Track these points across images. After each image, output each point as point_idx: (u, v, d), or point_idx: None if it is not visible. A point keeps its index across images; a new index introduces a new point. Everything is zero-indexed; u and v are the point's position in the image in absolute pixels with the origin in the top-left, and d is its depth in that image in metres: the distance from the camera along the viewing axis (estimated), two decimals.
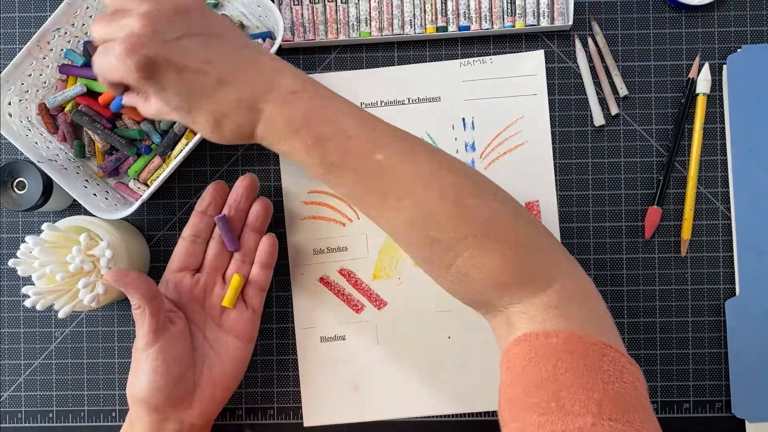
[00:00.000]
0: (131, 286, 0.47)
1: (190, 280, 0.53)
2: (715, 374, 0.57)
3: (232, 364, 0.52)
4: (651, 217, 0.57)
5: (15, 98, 0.55)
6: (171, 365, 0.48)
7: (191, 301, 0.52)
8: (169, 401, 0.49)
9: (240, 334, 0.53)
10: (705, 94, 0.57)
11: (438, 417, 0.58)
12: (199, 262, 0.54)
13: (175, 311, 0.51)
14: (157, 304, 0.48)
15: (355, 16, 0.58)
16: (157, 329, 0.48)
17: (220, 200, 0.54)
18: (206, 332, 0.52)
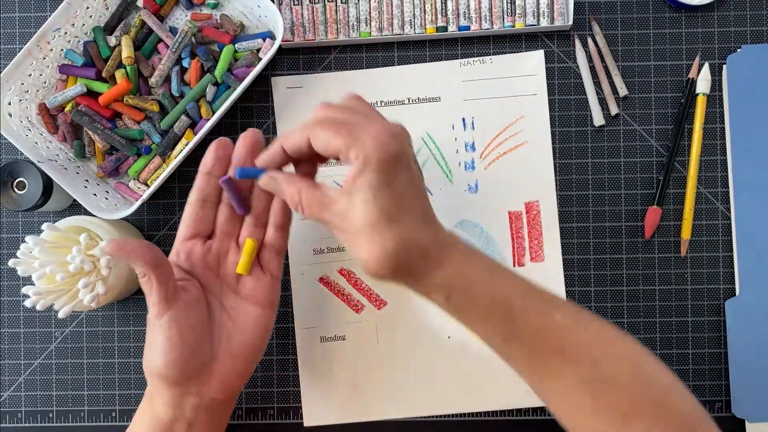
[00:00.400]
0: (133, 254, 0.43)
1: (202, 248, 0.48)
2: (715, 374, 0.57)
3: (253, 334, 0.48)
4: (651, 217, 0.57)
5: (15, 98, 0.55)
6: (185, 335, 0.45)
7: (205, 269, 0.48)
8: (185, 374, 0.45)
9: (259, 301, 0.48)
10: (705, 94, 0.57)
11: (438, 417, 0.58)
12: (210, 227, 0.49)
13: (188, 279, 0.47)
14: (164, 271, 0.44)
15: (355, 16, 0.58)
16: (167, 297, 0.44)
17: (225, 159, 0.48)
18: (223, 301, 0.48)
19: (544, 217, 0.57)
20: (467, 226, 0.58)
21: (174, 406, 0.46)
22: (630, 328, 0.57)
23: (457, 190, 0.58)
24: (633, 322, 0.57)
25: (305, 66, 0.59)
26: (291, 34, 0.58)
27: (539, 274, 0.57)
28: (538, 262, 0.57)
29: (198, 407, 0.46)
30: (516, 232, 0.57)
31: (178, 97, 0.57)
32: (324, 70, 0.59)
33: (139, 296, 0.59)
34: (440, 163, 0.58)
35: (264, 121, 0.59)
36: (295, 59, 0.59)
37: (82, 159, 0.58)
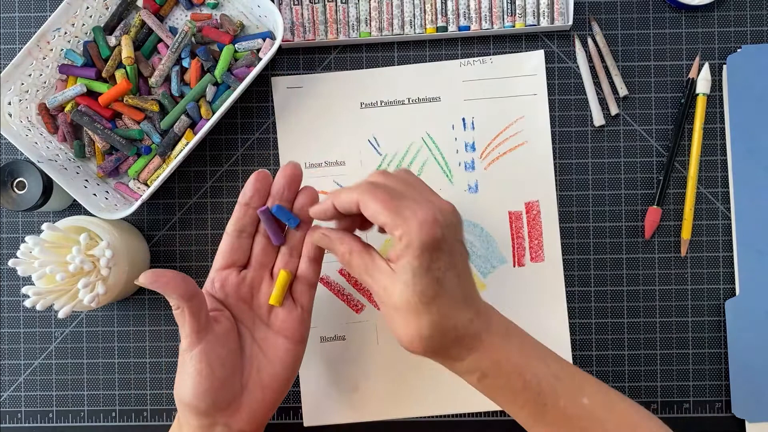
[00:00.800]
0: (168, 286, 0.43)
1: (236, 278, 0.48)
2: (715, 374, 0.57)
3: (282, 366, 0.48)
4: (651, 217, 0.57)
5: (15, 98, 0.55)
6: (216, 367, 0.45)
7: (238, 300, 0.48)
8: (215, 405, 0.45)
9: (289, 335, 0.49)
10: (705, 94, 0.57)
11: (438, 417, 0.58)
12: (245, 258, 0.49)
13: (221, 310, 0.48)
14: (198, 303, 0.45)
15: (355, 16, 0.58)
16: (199, 330, 0.45)
17: (263, 191, 0.49)
18: (254, 333, 0.49)
19: (544, 217, 0.57)
20: (467, 226, 0.58)
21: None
22: (630, 328, 0.57)
23: (457, 190, 0.58)
24: (633, 322, 0.57)
25: (305, 66, 0.59)
26: (291, 34, 0.58)
27: (539, 274, 0.57)
28: (538, 262, 0.57)
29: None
30: (516, 232, 0.57)
31: (178, 97, 0.57)
32: (324, 70, 0.59)
33: (139, 296, 0.59)
34: (440, 163, 0.58)
35: (264, 121, 0.59)
36: (295, 59, 0.59)
37: (82, 159, 0.58)
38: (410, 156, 0.58)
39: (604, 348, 0.57)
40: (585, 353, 0.57)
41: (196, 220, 0.59)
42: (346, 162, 0.58)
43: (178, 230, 0.59)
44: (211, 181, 0.59)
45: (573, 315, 0.57)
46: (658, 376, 0.57)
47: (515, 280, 0.57)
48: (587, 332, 0.57)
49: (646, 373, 0.57)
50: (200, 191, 0.59)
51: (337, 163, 0.58)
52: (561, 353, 0.56)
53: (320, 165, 0.58)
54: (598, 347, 0.57)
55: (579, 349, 0.57)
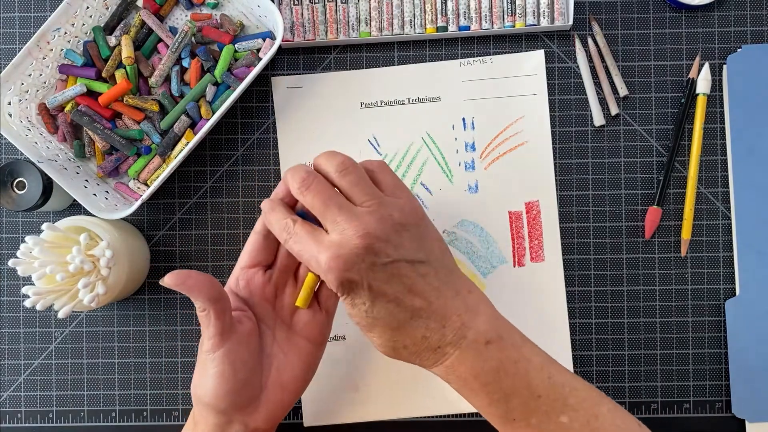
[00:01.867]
0: (195, 289, 0.43)
1: (262, 278, 0.48)
2: (715, 374, 0.57)
3: (301, 368, 0.48)
4: (651, 217, 0.57)
5: (15, 98, 0.55)
6: (237, 369, 0.45)
7: (262, 299, 0.48)
8: (234, 405, 0.45)
9: (311, 337, 0.48)
10: (705, 94, 0.57)
11: (438, 417, 0.58)
12: (272, 258, 0.49)
13: (244, 310, 0.47)
14: (223, 305, 0.44)
15: (355, 16, 0.58)
16: (223, 332, 0.44)
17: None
18: (276, 333, 0.48)
19: (544, 217, 0.57)
20: (467, 226, 0.58)
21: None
22: (630, 328, 0.57)
23: (457, 190, 0.58)
24: (633, 322, 0.57)
25: (305, 66, 0.59)
26: (291, 34, 0.58)
27: (539, 274, 0.57)
28: (538, 262, 0.57)
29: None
30: (516, 232, 0.57)
31: (177, 97, 0.57)
32: (324, 70, 0.59)
33: (139, 296, 0.59)
34: (440, 163, 0.58)
35: (264, 121, 0.59)
36: (295, 59, 0.59)
37: (82, 159, 0.58)
38: (410, 156, 0.58)
39: (604, 348, 0.57)
40: (585, 353, 0.57)
41: (196, 220, 0.59)
42: None
43: (178, 230, 0.59)
44: (211, 181, 0.59)
45: (573, 315, 0.57)
46: (658, 376, 0.57)
47: (515, 280, 0.57)
48: (587, 332, 0.57)
49: (646, 373, 0.57)
50: (200, 191, 0.59)
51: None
52: (561, 353, 0.57)
53: None
54: (598, 347, 0.57)
55: (579, 349, 0.57)
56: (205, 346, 0.45)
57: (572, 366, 0.57)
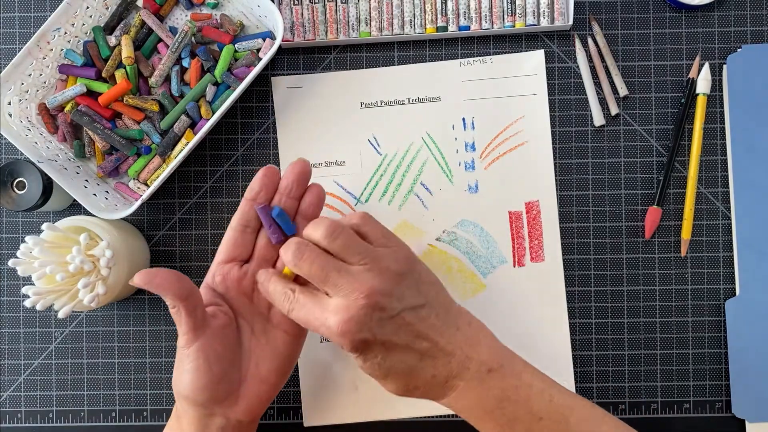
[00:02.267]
0: (162, 287, 0.44)
1: (238, 272, 0.49)
2: (715, 374, 0.57)
3: (280, 360, 0.49)
4: (651, 217, 0.57)
5: (15, 98, 0.55)
6: (213, 363, 0.46)
7: (239, 293, 0.49)
8: (213, 398, 0.46)
9: (288, 329, 0.49)
10: (705, 94, 0.57)
11: (438, 417, 0.58)
12: (248, 252, 0.50)
13: (219, 304, 0.48)
14: (193, 301, 0.45)
15: (355, 16, 0.58)
16: (195, 327, 0.45)
17: (270, 187, 0.49)
18: (254, 326, 0.49)
19: (544, 217, 0.57)
20: (467, 226, 0.58)
21: (201, 427, 0.47)
22: (630, 328, 0.57)
23: (457, 190, 0.58)
24: (633, 322, 0.57)
25: (305, 66, 0.59)
26: (291, 34, 0.58)
27: (539, 274, 0.57)
28: (538, 262, 0.57)
29: (224, 428, 0.47)
30: (516, 232, 0.57)
31: (177, 97, 0.57)
32: (324, 70, 0.59)
33: (139, 296, 0.59)
34: (440, 163, 0.58)
35: (264, 121, 0.59)
36: (295, 59, 0.59)
37: (82, 159, 0.58)
38: (410, 156, 0.58)
39: (604, 348, 0.57)
40: (585, 353, 0.57)
41: (196, 220, 0.59)
42: (346, 162, 0.58)
43: (178, 230, 0.59)
44: (211, 181, 0.59)
45: (573, 315, 0.57)
46: (658, 376, 0.57)
47: (515, 280, 0.57)
48: (587, 332, 0.57)
49: (646, 373, 0.57)
50: (200, 191, 0.59)
51: (337, 163, 0.58)
52: (561, 353, 0.57)
53: (320, 165, 0.58)
54: (598, 347, 0.57)
55: (579, 349, 0.57)
56: (180, 342, 0.46)
57: (572, 366, 0.57)
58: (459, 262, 0.57)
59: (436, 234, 0.58)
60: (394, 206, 0.58)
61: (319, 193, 0.50)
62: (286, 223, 0.49)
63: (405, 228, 0.58)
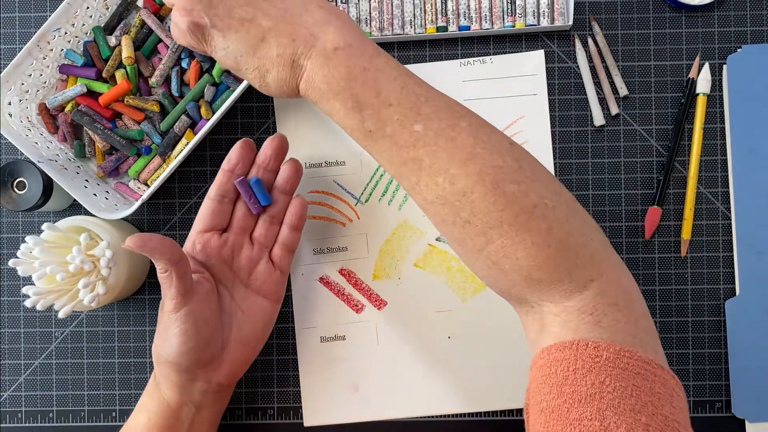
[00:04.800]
0: (156, 250, 0.45)
1: (218, 241, 0.51)
2: (715, 374, 0.57)
3: (260, 324, 0.52)
4: (651, 217, 0.57)
5: (15, 98, 0.55)
6: (200, 328, 0.47)
7: (219, 261, 0.51)
8: (197, 363, 0.48)
9: (268, 294, 0.52)
10: (705, 94, 0.57)
11: (438, 417, 0.58)
12: (226, 222, 0.52)
13: (202, 272, 0.50)
14: (184, 266, 0.46)
15: (355, 16, 0.58)
16: (185, 292, 0.46)
17: (247, 160, 0.52)
18: (234, 293, 0.52)
19: None
20: None
21: (182, 391, 0.49)
22: None
23: None
24: None
25: None
26: None
27: None
28: None
29: (205, 392, 0.50)
30: None
31: (177, 97, 0.57)
32: None
33: (139, 296, 0.59)
34: None
35: (264, 121, 0.59)
36: None
37: (82, 159, 0.58)
38: None
39: None
40: None
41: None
42: (346, 162, 0.58)
43: (178, 230, 0.59)
44: (211, 181, 0.59)
45: None
46: None
47: None
48: None
49: None
50: (200, 191, 0.59)
51: (337, 163, 0.58)
52: None
53: (320, 165, 0.58)
54: None
55: None
56: (167, 306, 0.47)
57: None
58: (459, 262, 0.57)
59: (436, 234, 0.58)
60: (394, 206, 0.58)
61: (296, 166, 0.52)
62: (262, 193, 0.51)
63: (405, 228, 0.58)
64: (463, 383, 0.57)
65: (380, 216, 0.58)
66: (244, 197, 0.51)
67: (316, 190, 0.58)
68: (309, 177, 0.58)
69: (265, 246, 0.53)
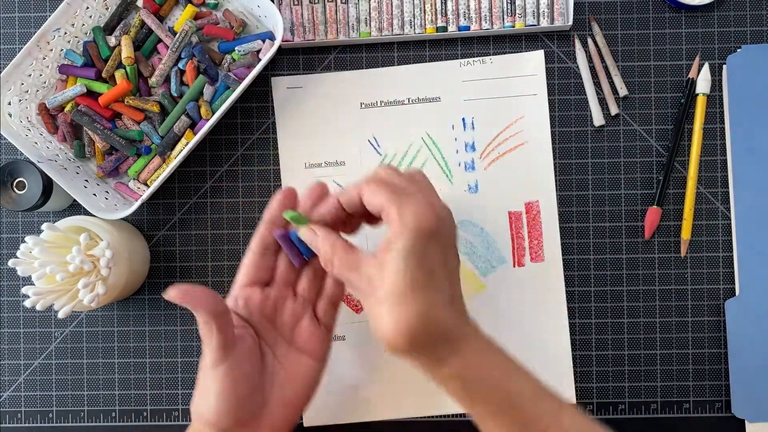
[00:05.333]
0: (198, 302, 0.43)
1: (260, 295, 0.48)
2: (715, 374, 0.57)
3: (303, 384, 0.48)
4: (651, 217, 0.57)
5: (15, 98, 0.55)
6: (240, 386, 0.45)
7: (261, 317, 0.48)
8: (237, 422, 0.45)
9: (312, 353, 0.48)
10: (705, 94, 0.57)
11: (438, 417, 0.58)
12: (269, 275, 0.49)
13: (244, 327, 0.47)
14: (226, 319, 0.44)
15: (355, 16, 0.58)
16: (225, 346, 0.44)
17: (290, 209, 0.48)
18: (276, 350, 0.48)
19: (544, 217, 0.57)
20: (467, 226, 0.58)
21: None
22: (630, 328, 0.57)
23: (457, 190, 0.58)
24: (633, 322, 0.57)
25: (305, 66, 0.59)
26: (291, 34, 0.58)
27: (539, 274, 0.57)
28: (538, 262, 0.57)
29: None
30: (516, 232, 0.57)
31: (177, 97, 0.57)
32: (324, 70, 0.59)
33: (139, 296, 0.59)
34: (440, 163, 0.58)
35: (264, 121, 0.59)
36: (295, 59, 0.59)
37: (82, 159, 0.58)
38: (410, 156, 0.58)
39: (604, 348, 0.57)
40: (585, 353, 0.57)
41: (196, 220, 0.59)
42: (346, 162, 0.58)
43: (178, 230, 0.59)
44: (211, 181, 0.59)
45: (573, 315, 0.57)
46: (658, 376, 0.57)
47: (515, 280, 0.57)
48: (587, 332, 0.57)
49: (646, 373, 0.57)
50: (200, 191, 0.59)
51: (337, 163, 0.58)
52: (561, 353, 0.57)
53: (320, 165, 0.58)
54: (598, 347, 0.57)
55: (579, 349, 0.57)
56: (208, 361, 0.44)
57: (572, 366, 0.57)
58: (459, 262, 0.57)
59: None
60: None
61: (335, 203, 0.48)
62: (304, 246, 0.47)
63: None
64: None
65: None
66: (286, 251, 0.48)
67: None
68: (309, 177, 0.58)
69: (309, 300, 0.49)
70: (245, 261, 0.48)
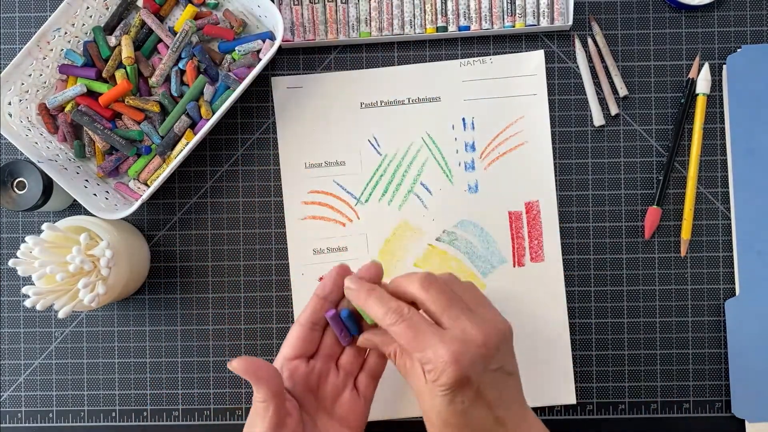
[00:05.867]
0: (262, 380, 0.44)
1: (305, 368, 0.49)
2: (715, 374, 0.57)
3: None
4: (651, 217, 0.57)
5: (15, 98, 0.55)
6: None
7: (305, 389, 0.49)
8: None
9: (351, 424, 0.49)
10: (705, 94, 0.57)
11: None
12: (315, 348, 0.49)
13: (290, 400, 0.47)
14: (282, 398, 0.45)
15: (355, 16, 0.58)
16: (278, 425, 0.45)
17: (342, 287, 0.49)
18: (317, 421, 0.49)
19: (544, 217, 0.57)
20: (467, 226, 0.58)
21: None
22: (630, 328, 0.57)
23: (457, 190, 0.58)
24: (633, 322, 0.57)
25: (305, 66, 0.59)
26: (291, 34, 0.58)
27: (539, 274, 0.57)
28: (538, 262, 0.57)
29: None
30: (516, 232, 0.57)
31: (177, 97, 0.57)
32: (324, 70, 0.59)
33: (139, 296, 0.59)
34: (440, 163, 0.58)
35: (264, 121, 0.59)
36: (295, 59, 0.59)
37: (82, 159, 0.58)
38: (410, 156, 0.58)
39: (604, 348, 0.57)
40: (585, 353, 0.57)
41: (196, 220, 0.59)
42: (346, 162, 0.58)
43: (178, 230, 0.59)
44: (211, 181, 0.59)
45: (573, 315, 0.57)
46: (658, 376, 0.57)
47: (515, 280, 0.57)
48: (587, 332, 0.57)
49: (646, 373, 0.57)
50: (200, 191, 0.59)
51: (337, 163, 0.58)
52: (561, 353, 0.57)
53: (320, 165, 0.58)
54: (598, 347, 0.57)
55: (579, 349, 0.57)
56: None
57: (572, 366, 0.57)
58: (459, 262, 0.57)
59: (435, 234, 0.58)
60: (394, 206, 0.58)
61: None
62: (353, 325, 0.49)
63: (405, 228, 0.58)
64: None
65: (380, 216, 0.58)
66: (335, 330, 0.49)
67: (316, 190, 0.58)
68: (309, 177, 0.58)
69: (351, 373, 0.50)
70: (293, 334, 0.49)
